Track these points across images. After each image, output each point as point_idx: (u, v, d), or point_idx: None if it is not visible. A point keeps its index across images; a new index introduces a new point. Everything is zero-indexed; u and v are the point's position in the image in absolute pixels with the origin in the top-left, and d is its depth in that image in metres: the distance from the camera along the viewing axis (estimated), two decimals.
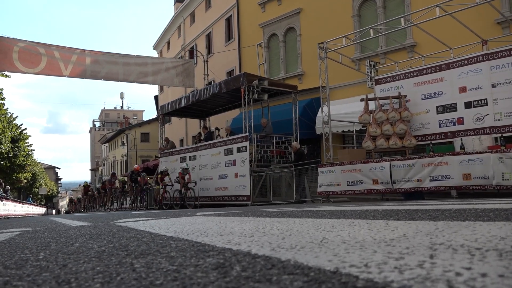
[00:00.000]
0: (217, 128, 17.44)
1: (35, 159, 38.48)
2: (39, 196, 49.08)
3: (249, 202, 11.64)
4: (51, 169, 73.22)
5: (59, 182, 79.82)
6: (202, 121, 19.28)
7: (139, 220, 4.94)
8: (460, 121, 10.19)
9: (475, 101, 9.91)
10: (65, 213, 44.03)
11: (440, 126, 10.54)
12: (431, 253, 1.23)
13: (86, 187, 26.33)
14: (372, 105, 11.57)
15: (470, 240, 1.45)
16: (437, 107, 10.60)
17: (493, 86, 9.60)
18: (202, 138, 16.57)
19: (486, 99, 9.72)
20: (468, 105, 10.01)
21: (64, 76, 16.01)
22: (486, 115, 9.73)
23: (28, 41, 15.78)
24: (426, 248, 1.34)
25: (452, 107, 10.34)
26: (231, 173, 12.68)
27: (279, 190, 12.27)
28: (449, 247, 1.32)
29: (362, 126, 12.51)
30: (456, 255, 1.17)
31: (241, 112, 15.01)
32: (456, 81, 10.25)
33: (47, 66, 15.63)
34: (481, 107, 9.80)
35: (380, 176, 9.36)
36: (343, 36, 11.26)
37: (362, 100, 11.58)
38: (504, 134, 9.12)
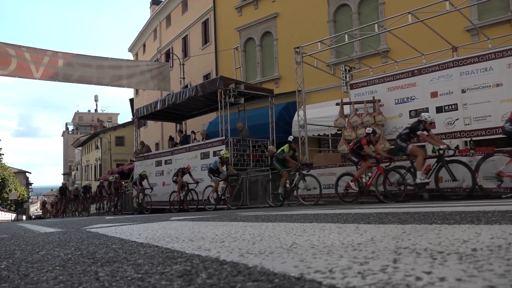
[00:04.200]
0: (193, 132, 17.33)
1: (4, 163, 37.25)
2: (9, 202, 47.60)
3: (225, 206, 11.58)
4: (22, 174, 71.26)
5: (30, 187, 77.66)
6: (178, 124, 19.11)
7: (111, 226, 4.84)
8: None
9: (446, 105, 10.17)
10: (35, 218, 42.76)
11: None
12: (395, 257, 1.25)
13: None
14: (347, 109, 11.73)
15: (434, 243, 1.48)
16: (410, 111, 10.82)
17: (463, 91, 9.87)
18: (177, 142, 16.43)
19: (457, 104, 9.98)
20: (439, 109, 10.26)
21: (35, 79, 15.60)
22: (456, 120, 9.99)
23: None
24: (391, 252, 1.36)
25: (424, 112, 10.55)
26: (207, 177, 12.61)
27: (256, 194, 12.27)
28: (413, 251, 1.34)
29: (338, 130, 12.66)
30: (418, 259, 1.19)
31: (218, 116, 14.96)
32: (428, 86, 10.50)
33: (17, 68, 15.19)
34: (451, 111, 10.06)
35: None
36: (319, 41, 11.39)
37: (337, 104, 11.73)
38: (474, 138, 9.39)
